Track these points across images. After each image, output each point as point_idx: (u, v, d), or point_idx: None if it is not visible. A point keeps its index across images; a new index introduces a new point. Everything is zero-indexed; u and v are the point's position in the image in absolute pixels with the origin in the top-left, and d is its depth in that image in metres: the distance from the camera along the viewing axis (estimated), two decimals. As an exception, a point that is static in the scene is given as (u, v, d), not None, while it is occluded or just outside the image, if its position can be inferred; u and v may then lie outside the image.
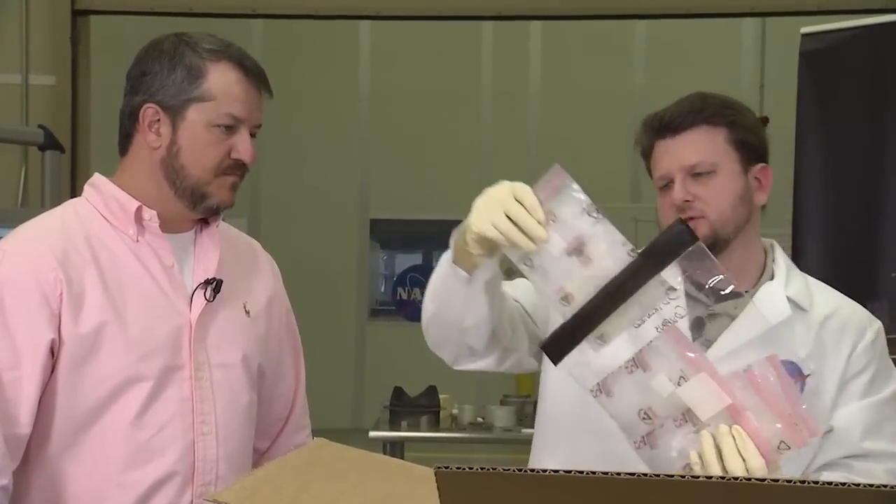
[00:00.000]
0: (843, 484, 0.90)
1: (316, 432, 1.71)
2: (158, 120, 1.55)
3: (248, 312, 1.65)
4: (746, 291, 1.53)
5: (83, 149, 4.58)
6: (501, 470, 0.95)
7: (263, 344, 1.67)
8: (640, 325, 1.23)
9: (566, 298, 1.24)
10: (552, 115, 7.30)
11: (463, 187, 1.58)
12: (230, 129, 1.55)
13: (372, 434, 4.04)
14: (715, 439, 1.21)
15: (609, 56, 7.10)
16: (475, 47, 7.17)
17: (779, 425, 1.20)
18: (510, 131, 7.18)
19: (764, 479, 0.91)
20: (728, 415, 1.21)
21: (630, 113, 7.39)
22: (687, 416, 1.22)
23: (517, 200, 1.26)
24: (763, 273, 1.59)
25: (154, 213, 1.56)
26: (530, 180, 1.31)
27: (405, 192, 7.31)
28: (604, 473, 0.90)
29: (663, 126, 1.56)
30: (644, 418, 1.22)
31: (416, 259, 8.39)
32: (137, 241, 1.56)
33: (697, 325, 1.53)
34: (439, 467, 1.00)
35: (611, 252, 1.24)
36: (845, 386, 1.52)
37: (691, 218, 1.51)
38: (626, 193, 7.16)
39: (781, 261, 1.61)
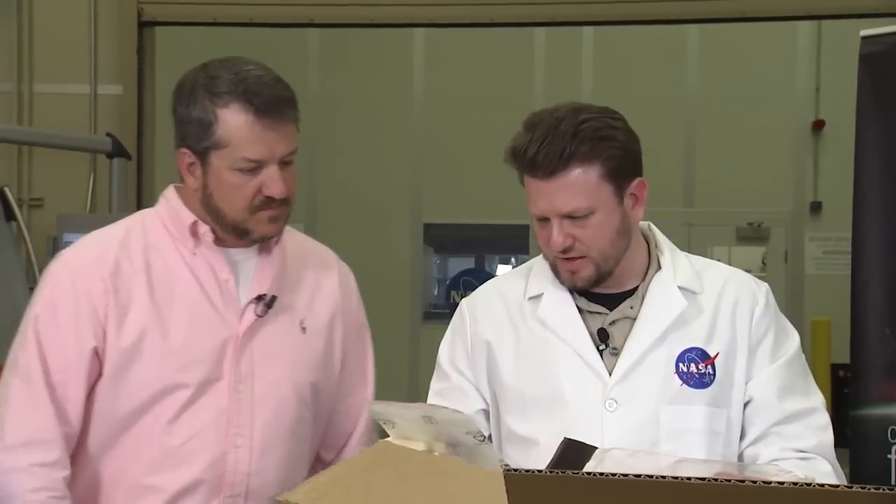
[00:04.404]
0: (849, 486, 0.90)
1: (371, 434, 1.71)
2: (193, 163, 1.57)
3: (303, 329, 1.63)
4: (636, 287, 1.57)
5: (149, 156, 4.70)
6: (570, 473, 0.97)
7: (321, 360, 1.66)
8: None
9: None
10: (604, 120, 7.24)
11: (514, 193, 1.60)
12: (253, 169, 1.53)
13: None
14: None
15: (662, 61, 7.05)
16: (528, 54, 7.17)
17: None
18: (562, 136, 7.15)
19: (770, 482, 0.93)
20: None
21: (683, 118, 7.36)
22: None
23: None
24: (650, 264, 1.60)
25: (208, 228, 1.58)
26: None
27: (458, 197, 7.33)
28: (674, 478, 0.92)
29: (534, 166, 1.49)
30: None
31: (468, 263, 8.42)
32: (195, 254, 1.59)
33: (602, 337, 1.56)
34: (508, 469, 1.03)
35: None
36: (753, 354, 1.56)
37: (573, 259, 1.53)
38: (679, 198, 7.11)
39: (664, 246, 1.62)
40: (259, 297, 1.59)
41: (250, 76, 1.53)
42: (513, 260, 8.24)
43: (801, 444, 1.53)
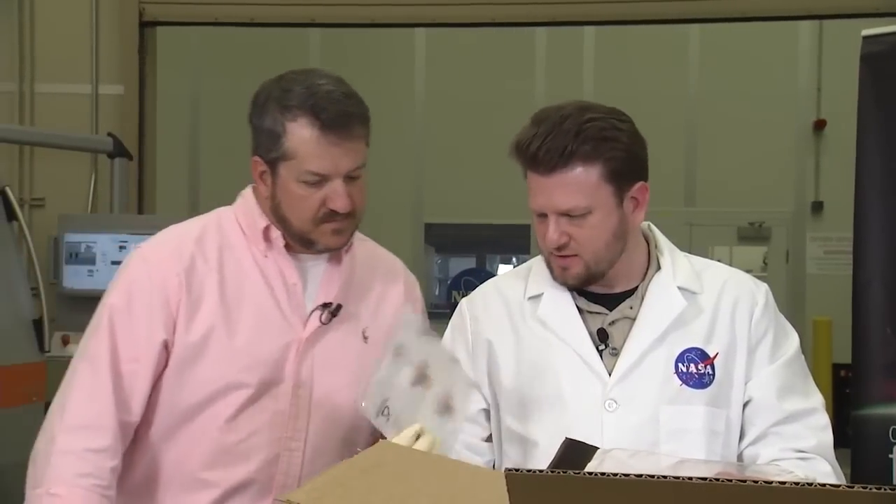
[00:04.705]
0: (850, 486, 0.90)
1: (375, 435, 1.73)
2: (264, 171, 1.60)
3: (365, 338, 1.66)
4: (636, 287, 1.58)
5: (150, 156, 4.72)
6: (572, 473, 0.97)
7: None
8: None
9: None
10: (606, 120, 7.25)
11: (515, 193, 1.60)
12: (317, 182, 1.55)
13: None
14: None
15: (663, 61, 7.07)
16: (529, 54, 7.19)
17: None
18: (563, 136, 7.16)
19: (771, 482, 0.93)
20: None
21: (684, 118, 7.36)
22: None
23: None
24: (649, 264, 1.61)
25: (280, 234, 1.62)
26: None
27: (459, 197, 7.35)
28: (675, 478, 0.91)
29: (535, 161, 1.49)
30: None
31: (469, 263, 8.44)
32: (266, 256, 1.62)
33: (601, 337, 1.56)
34: (509, 469, 1.03)
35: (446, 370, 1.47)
36: (753, 354, 1.57)
37: (566, 256, 1.53)
38: (680, 198, 7.12)
39: (664, 247, 1.63)
40: (325, 305, 1.62)
41: (321, 91, 1.55)
42: (514, 260, 8.26)
43: (801, 445, 1.53)
